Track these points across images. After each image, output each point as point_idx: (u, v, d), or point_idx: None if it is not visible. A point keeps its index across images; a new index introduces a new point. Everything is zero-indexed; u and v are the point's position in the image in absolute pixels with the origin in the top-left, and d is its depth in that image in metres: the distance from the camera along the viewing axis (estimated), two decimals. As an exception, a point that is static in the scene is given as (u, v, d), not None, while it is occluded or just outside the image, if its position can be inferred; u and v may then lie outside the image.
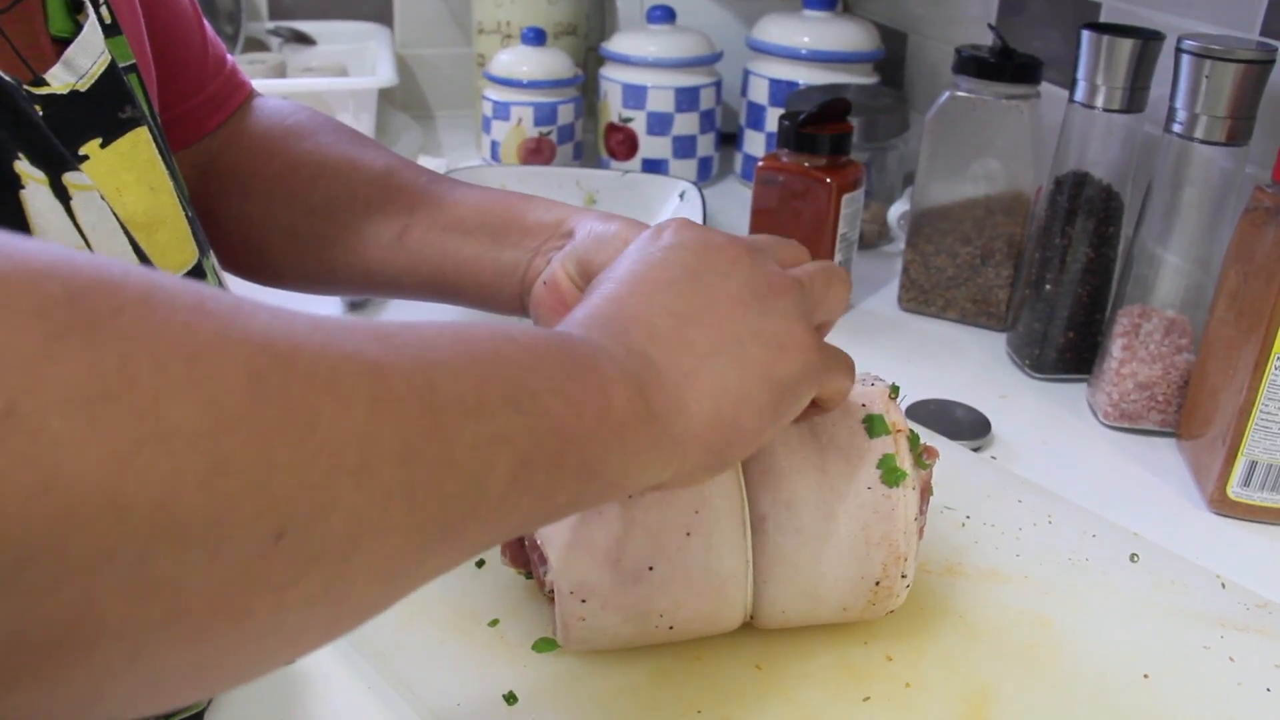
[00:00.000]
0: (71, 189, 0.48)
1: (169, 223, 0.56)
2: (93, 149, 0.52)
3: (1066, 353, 0.94)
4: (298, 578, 0.29)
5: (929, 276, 1.05)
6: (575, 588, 0.53)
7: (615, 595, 0.53)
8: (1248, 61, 0.76)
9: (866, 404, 0.57)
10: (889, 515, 0.55)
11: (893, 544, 0.55)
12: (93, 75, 0.53)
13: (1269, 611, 0.64)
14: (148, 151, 0.55)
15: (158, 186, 0.55)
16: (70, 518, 0.24)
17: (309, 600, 0.30)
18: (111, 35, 0.56)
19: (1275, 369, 0.72)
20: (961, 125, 1.00)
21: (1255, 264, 0.73)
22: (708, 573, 0.54)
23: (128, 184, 0.54)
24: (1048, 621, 0.62)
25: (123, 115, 0.54)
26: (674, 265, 0.49)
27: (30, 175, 0.46)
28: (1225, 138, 0.79)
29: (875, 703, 0.56)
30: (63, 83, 0.52)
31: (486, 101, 1.35)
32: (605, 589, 0.53)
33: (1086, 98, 0.88)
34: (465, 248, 0.66)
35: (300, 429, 0.28)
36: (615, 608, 0.54)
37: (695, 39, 1.34)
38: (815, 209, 0.96)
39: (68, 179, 0.48)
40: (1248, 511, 0.76)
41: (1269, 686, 0.59)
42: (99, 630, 0.25)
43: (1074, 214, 0.91)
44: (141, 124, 0.55)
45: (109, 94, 0.54)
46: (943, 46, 1.33)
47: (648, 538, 0.53)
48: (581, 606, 0.53)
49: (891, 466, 0.55)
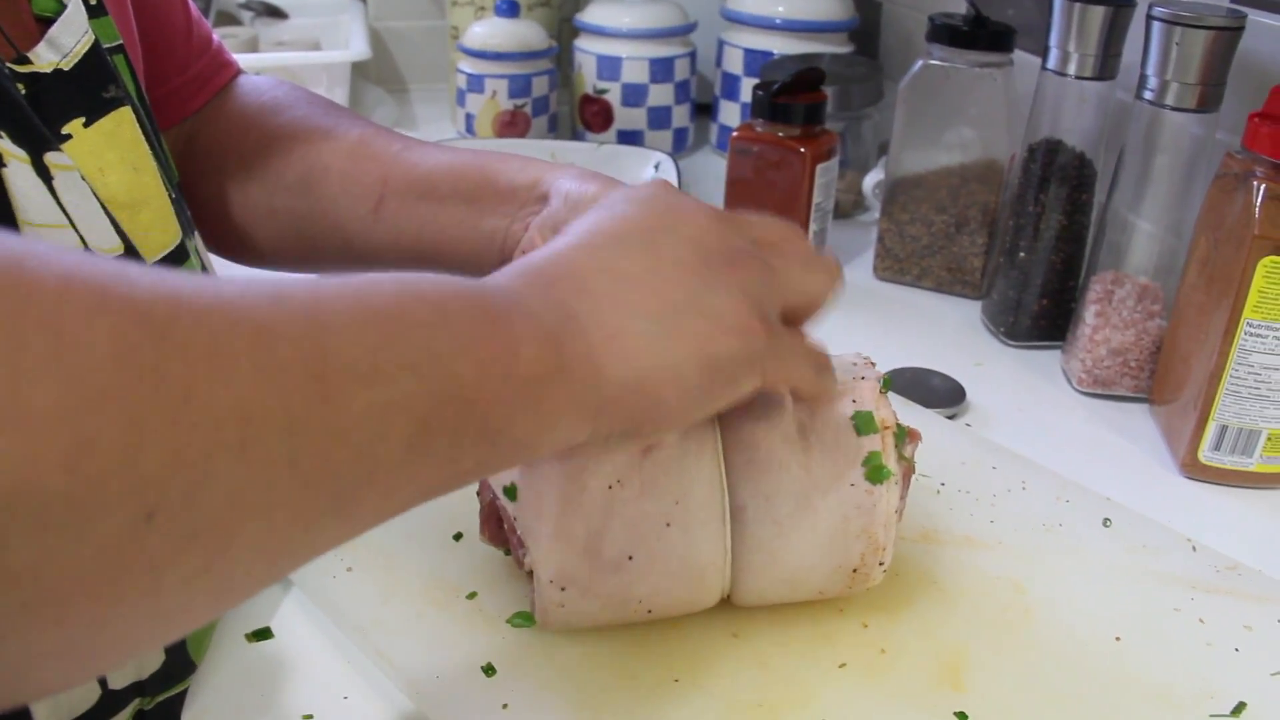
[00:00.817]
0: (53, 169, 0.48)
1: (152, 203, 0.56)
2: (75, 128, 0.52)
3: (1040, 320, 0.94)
4: (174, 558, 0.28)
5: (904, 245, 1.06)
6: (555, 576, 0.53)
7: (595, 583, 0.53)
8: (1217, 28, 0.77)
9: (856, 399, 0.56)
10: (870, 510, 0.55)
11: (872, 537, 0.55)
12: (76, 54, 0.53)
13: (1238, 573, 0.65)
14: (131, 131, 0.55)
15: (141, 167, 0.55)
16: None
17: (187, 580, 0.29)
18: (96, 16, 0.56)
19: (1245, 334, 0.72)
20: (935, 94, 1.00)
21: (1225, 230, 0.74)
22: (686, 562, 0.54)
23: (110, 163, 0.54)
24: (1021, 586, 0.63)
25: (106, 95, 0.54)
26: (630, 222, 0.47)
27: (11, 154, 0.46)
28: (1196, 104, 0.80)
29: (851, 669, 0.57)
30: (46, 61, 0.52)
31: (460, 74, 1.35)
32: (585, 577, 0.53)
33: (1059, 65, 0.88)
34: (442, 216, 0.66)
35: (173, 403, 0.27)
36: (594, 595, 0.54)
37: (669, 9, 1.34)
38: (790, 179, 0.96)
39: (49, 159, 0.48)
40: (1218, 475, 0.77)
41: (1238, 647, 0.60)
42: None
43: (1047, 181, 0.91)
44: (125, 104, 0.55)
45: (92, 73, 0.54)
46: (917, 15, 1.33)
47: (628, 528, 0.53)
48: (561, 594, 0.53)
49: (877, 465, 0.54)
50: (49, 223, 0.48)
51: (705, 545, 0.54)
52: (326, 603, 0.60)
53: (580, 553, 0.53)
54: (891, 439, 0.55)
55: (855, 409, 0.56)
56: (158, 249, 0.56)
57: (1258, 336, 0.72)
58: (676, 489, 0.53)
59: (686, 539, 0.53)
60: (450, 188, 0.66)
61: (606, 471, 0.52)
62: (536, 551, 0.53)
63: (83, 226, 0.50)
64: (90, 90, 0.53)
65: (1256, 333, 0.72)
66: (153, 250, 0.56)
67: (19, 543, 0.25)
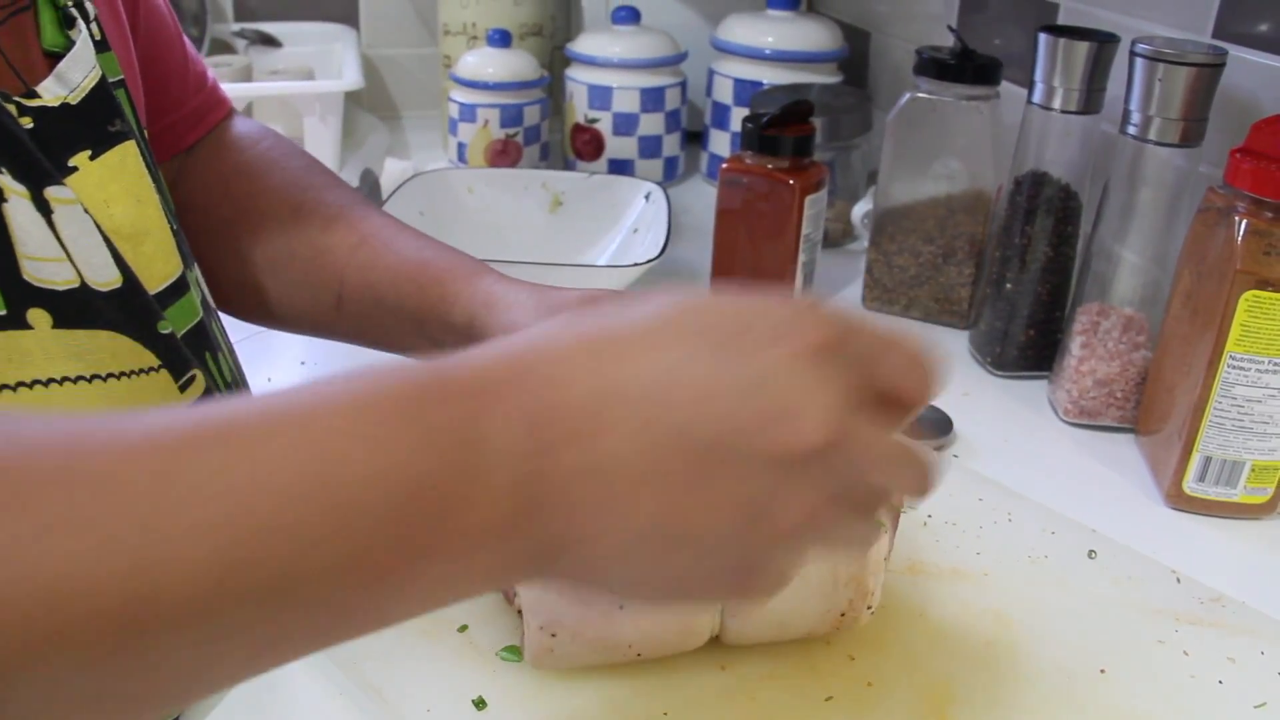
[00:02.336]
0: (53, 202, 0.49)
1: (154, 235, 0.57)
2: (82, 160, 0.53)
3: (1027, 350, 0.95)
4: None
5: (892, 275, 1.06)
6: (545, 623, 0.54)
7: (585, 630, 0.54)
8: (1198, 65, 0.78)
9: None
10: (860, 558, 0.56)
11: (861, 584, 0.56)
12: (84, 89, 0.54)
13: (1222, 605, 0.66)
14: (135, 164, 0.56)
15: (144, 199, 0.57)
16: None
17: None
18: (101, 51, 0.57)
19: (1228, 367, 0.73)
20: (923, 126, 1.01)
21: (1208, 263, 0.75)
22: (677, 610, 0.55)
23: (115, 196, 0.55)
24: (1007, 619, 0.64)
25: (112, 129, 0.55)
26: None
27: (12, 189, 0.47)
28: (1179, 139, 0.81)
29: (838, 702, 0.57)
30: (54, 95, 0.53)
31: (453, 104, 1.35)
32: (574, 624, 0.54)
33: (1044, 99, 0.89)
34: (394, 330, 0.67)
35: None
36: (584, 641, 0.54)
37: (660, 39, 1.35)
38: (779, 211, 0.97)
39: (49, 193, 0.49)
40: (1203, 506, 0.78)
41: (1221, 679, 0.60)
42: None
43: (1033, 213, 0.92)
44: (130, 138, 0.56)
45: (99, 107, 0.55)
46: (905, 45, 1.34)
47: None
48: (551, 640, 0.54)
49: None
50: (47, 256, 0.49)
51: None
52: (318, 635, 0.61)
53: (571, 601, 0.53)
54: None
55: None
56: (160, 279, 0.57)
57: (1240, 369, 0.73)
58: None
59: None
60: (397, 302, 0.66)
61: None
62: (527, 597, 0.54)
63: (80, 259, 0.51)
64: (97, 124, 0.55)
65: (1239, 365, 0.73)
66: (155, 281, 0.56)
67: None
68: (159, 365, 0.54)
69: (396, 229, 0.69)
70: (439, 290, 0.64)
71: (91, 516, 0.28)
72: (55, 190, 0.49)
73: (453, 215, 1.11)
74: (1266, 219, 0.71)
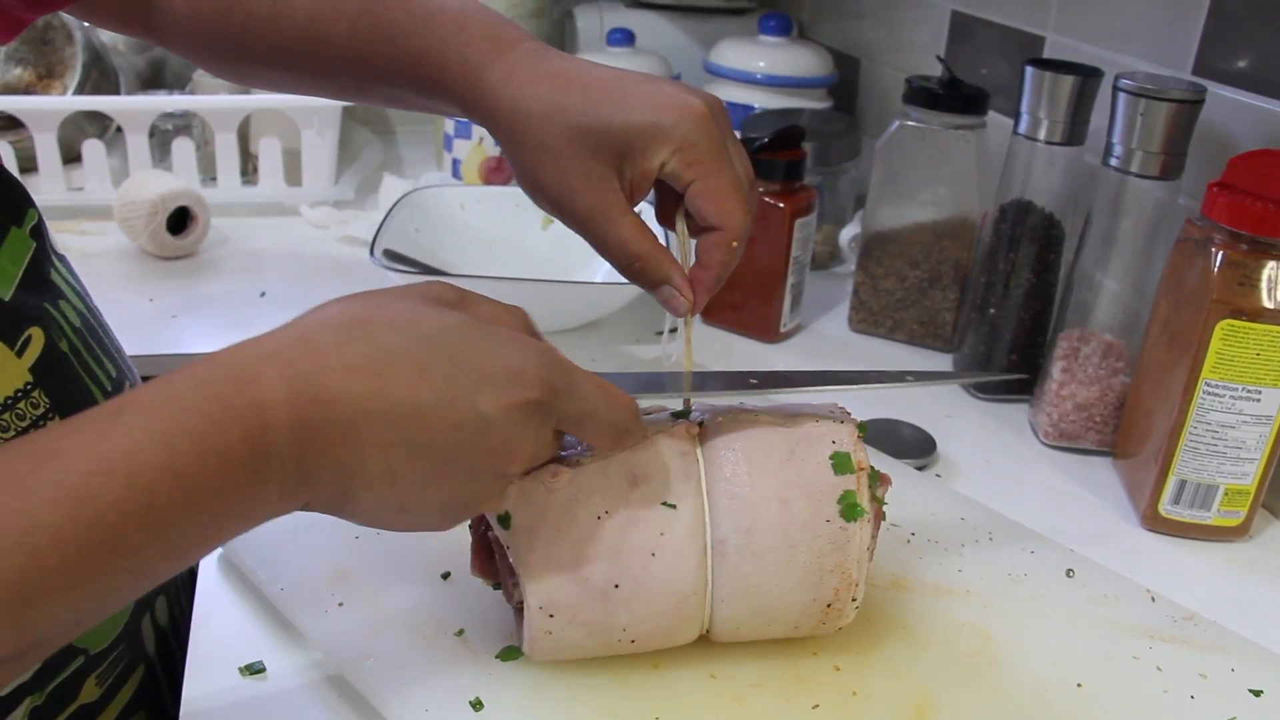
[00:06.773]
0: None
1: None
2: None
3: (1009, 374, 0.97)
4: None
5: (878, 298, 1.09)
6: (544, 603, 0.56)
7: (582, 611, 0.56)
8: (1179, 101, 0.80)
9: (836, 441, 0.59)
10: (844, 546, 0.58)
11: (846, 572, 0.58)
12: None
13: (1195, 623, 0.68)
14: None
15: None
16: None
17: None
18: None
19: (1204, 393, 0.76)
20: (911, 153, 1.04)
21: (1185, 293, 0.77)
22: (670, 592, 0.57)
23: None
24: (987, 633, 0.66)
25: None
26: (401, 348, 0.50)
27: None
28: (1159, 172, 0.83)
29: (824, 710, 0.59)
30: None
31: (448, 120, 1.37)
32: (572, 605, 0.56)
33: (1029, 130, 0.92)
34: (399, 87, 0.70)
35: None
36: (581, 623, 0.56)
37: (654, 62, 1.37)
38: (769, 234, 0.99)
39: None
40: (1177, 528, 0.80)
41: (1193, 694, 0.62)
42: None
43: (1017, 240, 0.94)
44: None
45: None
46: (894, 72, 1.36)
47: (614, 557, 0.56)
48: (549, 621, 0.56)
49: (852, 503, 0.58)
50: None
51: (688, 575, 0.57)
52: (317, 638, 0.62)
53: (569, 580, 0.55)
54: (866, 480, 0.58)
55: (834, 449, 0.59)
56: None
57: (1215, 396, 0.75)
58: (662, 521, 0.56)
59: (670, 570, 0.56)
60: (399, 67, 0.68)
61: (595, 503, 0.55)
62: (527, 578, 0.55)
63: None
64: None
65: (1214, 392, 0.75)
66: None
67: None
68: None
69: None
70: (447, 60, 0.67)
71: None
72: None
73: (446, 232, 1.13)
74: (1242, 251, 0.73)
